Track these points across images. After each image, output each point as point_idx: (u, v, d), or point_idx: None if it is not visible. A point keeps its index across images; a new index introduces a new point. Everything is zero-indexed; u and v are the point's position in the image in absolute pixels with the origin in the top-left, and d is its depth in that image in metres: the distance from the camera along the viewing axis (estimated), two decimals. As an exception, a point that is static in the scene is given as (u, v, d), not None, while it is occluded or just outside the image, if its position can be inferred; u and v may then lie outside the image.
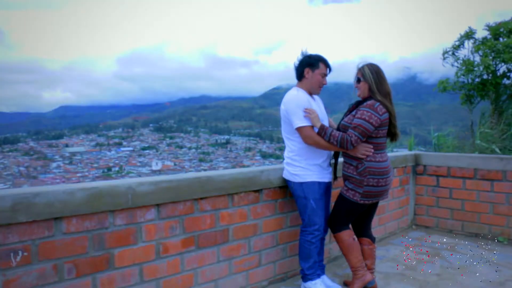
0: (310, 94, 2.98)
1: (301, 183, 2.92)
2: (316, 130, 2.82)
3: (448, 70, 6.25)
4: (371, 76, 2.80)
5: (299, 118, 2.81)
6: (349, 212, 2.94)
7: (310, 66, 2.90)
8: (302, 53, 2.95)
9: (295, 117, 2.82)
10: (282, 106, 2.93)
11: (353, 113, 2.83)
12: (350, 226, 3.06)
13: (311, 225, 2.92)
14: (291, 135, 2.94)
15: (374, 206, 3.11)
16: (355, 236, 3.02)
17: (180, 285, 2.59)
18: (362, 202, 2.85)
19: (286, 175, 3.04)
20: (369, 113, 2.71)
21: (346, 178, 2.94)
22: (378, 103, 2.74)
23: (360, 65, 2.88)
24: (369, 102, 2.76)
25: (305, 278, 2.97)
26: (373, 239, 3.15)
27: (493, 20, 6.27)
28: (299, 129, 2.84)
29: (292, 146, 2.96)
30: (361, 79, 2.85)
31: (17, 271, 1.96)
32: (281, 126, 3.01)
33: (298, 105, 2.83)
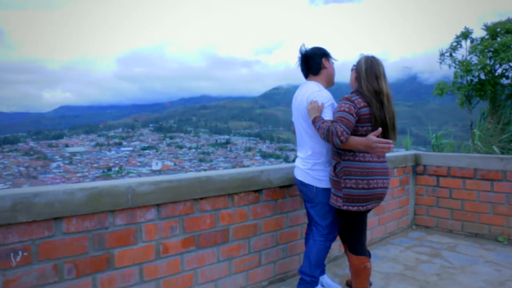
0: (327, 87, 2.86)
1: (327, 189, 2.74)
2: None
3: (448, 70, 6.26)
4: (362, 67, 2.60)
5: (327, 115, 2.65)
6: (344, 223, 2.72)
7: (326, 55, 2.84)
8: (305, 49, 2.84)
9: (324, 114, 2.65)
10: (306, 99, 2.71)
11: None
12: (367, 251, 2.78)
13: (333, 231, 2.82)
14: (311, 132, 2.75)
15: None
16: (368, 264, 2.71)
17: (180, 285, 2.59)
18: (345, 208, 2.56)
19: (307, 179, 2.78)
20: (347, 104, 2.50)
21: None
22: (357, 96, 2.54)
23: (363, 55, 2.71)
24: (347, 95, 2.58)
25: (313, 283, 2.83)
26: (369, 255, 2.79)
27: (493, 20, 6.27)
28: None
29: (320, 148, 2.75)
30: (353, 66, 2.69)
31: (17, 271, 1.96)
32: (300, 124, 2.80)
33: (325, 101, 2.67)
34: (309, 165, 2.78)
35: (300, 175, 2.84)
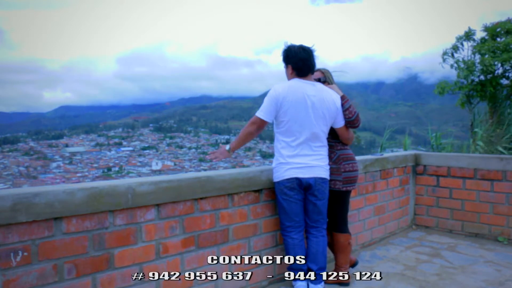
0: None
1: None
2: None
3: (449, 70, 6.26)
4: (331, 79, 3.13)
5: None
6: (336, 205, 3.07)
7: None
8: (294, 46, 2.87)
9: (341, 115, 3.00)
10: (334, 103, 2.92)
11: None
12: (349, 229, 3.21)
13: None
14: (327, 132, 3.00)
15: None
16: (350, 240, 3.15)
17: (180, 285, 2.59)
18: (345, 189, 3.02)
19: (327, 174, 2.96)
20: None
21: None
22: None
23: (320, 68, 3.12)
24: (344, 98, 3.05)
25: (322, 277, 2.97)
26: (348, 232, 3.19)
27: (494, 20, 6.28)
28: (343, 127, 3.01)
29: (327, 144, 3.01)
30: (324, 78, 3.09)
31: (17, 271, 1.96)
32: (323, 125, 2.89)
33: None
34: (326, 161, 2.96)
35: (323, 173, 2.90)
